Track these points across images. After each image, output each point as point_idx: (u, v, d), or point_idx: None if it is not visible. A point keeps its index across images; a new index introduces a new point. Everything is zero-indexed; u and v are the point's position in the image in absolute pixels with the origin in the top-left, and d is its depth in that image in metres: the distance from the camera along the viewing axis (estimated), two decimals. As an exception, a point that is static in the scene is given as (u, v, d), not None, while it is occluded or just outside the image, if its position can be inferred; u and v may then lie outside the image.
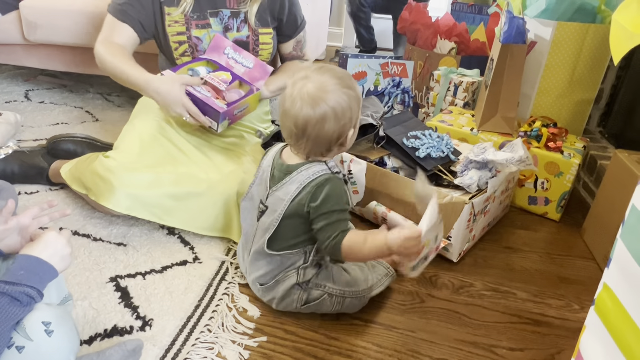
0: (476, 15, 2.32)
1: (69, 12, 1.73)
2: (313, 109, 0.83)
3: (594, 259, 1.24)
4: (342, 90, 0.85)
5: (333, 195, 0.86)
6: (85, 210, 1.23)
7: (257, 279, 0.96)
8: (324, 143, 0.87)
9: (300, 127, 0.85)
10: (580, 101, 1.54)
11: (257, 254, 0.95)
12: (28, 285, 0.63)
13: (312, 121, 0.84)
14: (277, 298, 0.94)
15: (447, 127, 1.53)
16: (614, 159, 1.23)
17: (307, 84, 0.85)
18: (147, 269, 1.05)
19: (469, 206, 1.10)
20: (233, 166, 1.21)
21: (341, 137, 0.88)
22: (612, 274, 0.61)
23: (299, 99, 0.84)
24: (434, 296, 1.06)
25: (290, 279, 0.92)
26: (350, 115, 0.86)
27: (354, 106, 0.87)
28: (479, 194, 1.15)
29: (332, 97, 0.84)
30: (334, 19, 3.65)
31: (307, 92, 0.84)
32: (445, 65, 1.96)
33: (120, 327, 0.89)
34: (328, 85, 0.84)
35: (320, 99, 0.83)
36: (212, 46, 1.26)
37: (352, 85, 0.87)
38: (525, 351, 0.93)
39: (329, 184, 0.87)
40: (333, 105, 0.84)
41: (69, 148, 1.37)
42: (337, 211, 0.86)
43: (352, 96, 0.86)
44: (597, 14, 1.46)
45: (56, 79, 2.25)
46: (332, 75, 0.86)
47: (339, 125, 0.86)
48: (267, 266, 0.93)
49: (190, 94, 1.13)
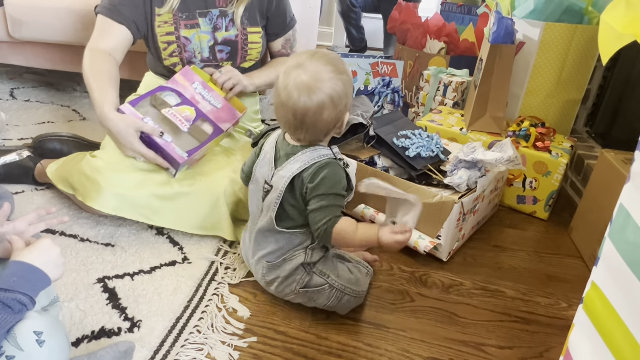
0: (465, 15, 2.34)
1: (55, 10, 1.71)
2: (310, 99, 0.84)
3: (581, 257, 1.26)
4: (338, 76, 0.85)
5: (331, 178, 0.87)
6: (72, 210, 1.22)
7: (264, 256, 0.95)
8: (322, 130, 0.89)
9: (299, 117, 0.85)
10: (567, 101, 1.55)
11: (264, 231, 0.94)
12: (20, 292, 0.61)
13: (310, 111, 0.84)
14: (281, 277, 0.94)
15: (436, 126, 1.54)
16: (601, 158, 1.24)
17: (301, 74, 0.84)
18: (135, 269, 1.04)
19: (458, 205, 1.10)
20: (222, 165, 1.20)
21: (338, 122, 0.89)
22: (600, 273, 0.62)
23: (295, 89, 0.84)
24: (424, 295, 1.06)
25: (297, 258, 0.92)
26: (346, 101, 0.88)
27: (349, 91, 0.88)
28: (468, 193, 1.16)
29: (328, 85, 0.84)
30: (324, 18, 3.65)
31: (303, 81, 0.84)
32: (435, 65, 1.97)
33: (107, 328, 0.88)
34: (323, 73, 0.84)
35: (316, 88, 0.83)
36: (182, 73, 1.20)
37: (345, 70, 0.88)
38: (515, 349, 0.94)
39: (329, 167, 0.88)
40: (330, 93, 0.84)
41: (55, 147, 1.35)
42: (333, 195, 0.87)
43: (346, 81, 0.87)
44: (584, 15, 1.48)
45: (42, 77, 2.22)
46: (325, 61, 0.86)
47: (336, 112, 0.87)
48: (275, 244, 0.94)
49: (148, 137, 1.08)
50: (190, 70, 1.21)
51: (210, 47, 1.27)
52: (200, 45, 1.26)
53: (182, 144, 1.12)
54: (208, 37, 1.26)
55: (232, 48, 1.29)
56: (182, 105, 1.16)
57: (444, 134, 1.51)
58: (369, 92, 1.93)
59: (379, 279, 1.10)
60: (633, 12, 0.55)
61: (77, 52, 1.82)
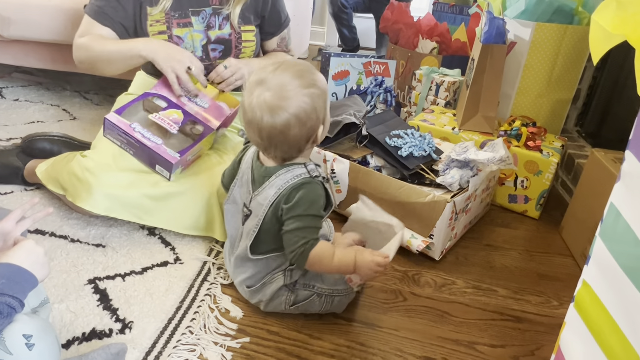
0: (457, 15, 2.35)
1: (45, 8, 1.69)
2: (274, 119, 0.79)
3: (572, 256, 1.27)
4: (303, 92, 0.79)
5: (307, 199, 0.84)
6: (62, 210, 1.20)
7: (244, 281, 0.94)
8: (293, 147, 0.84)
9: (265, 137, 0.81)
10: (558, 101, 1.57)
11: (241, 258, 0.94)
12: (9, 295, 0.60)
13: (276, 130, 0.80)
14: (264, 300, 0.93)
15: (429, 126, 1.54)
16: (591, 157, 1.26)
17: (264, 92, 0.79)
18: (126, 270, 1.03)
19: (450, 205, 1.11)
20: (214, 165, 1.19)
21: (310, 137, 0.84)
22: (591, 272, 0.62)
23: (257, 108, 0.79)
24: (416, 294, 1.07)
25: (277, 281, 0.91)
26: (316, 116, 0.82)
27: (319, 105, 0.82)
28: (461, 192, 1.16)
29: (292, 103, 0.79)
30: (317, 17, 3.64)
31: (265, 100, 0.79)
32: (427, 64, 1.97)
33: (99, 330, 0.87)
34: (287, 89, 0.79)
35: (279, 108, 0.78)
36: (162, 82, 1.18)
37: (314, 82, 0.82)
38: (506, 348, 0.95)
39: (305, 188, 0.84)
40: (295, 112, 0.79)
41: (45, 147, 1.34)
42: (310, 216, 0.84)
43: (315, 95, 0.81)
44: (574, 15, 1.49)
45: (31, 76, 2.19)
46: (291, 75, 0.80)
47: (306, 129, 0.82)
48: (253, 268, 0.93)
49: (138, 142, 1.06)
50: None
51: (203, 45, 1.26)
52: (193, 45, 1.25)
53: (173, 146, 1.11)
54: (201, 35, 1.25)
55: (226, 47, 1.28)
56: (169, 109, 1.15)
57: (436, 133, 1.52)
58: (361, 92, 1.93)
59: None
60: (623, 13, 0.55)
61: (66, 51, 1.80)
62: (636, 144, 0.56)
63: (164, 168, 1.09)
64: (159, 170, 1.10)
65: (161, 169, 1.09)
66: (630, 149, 0.57)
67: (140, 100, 1.16)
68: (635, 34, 0.54)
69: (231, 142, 1.32)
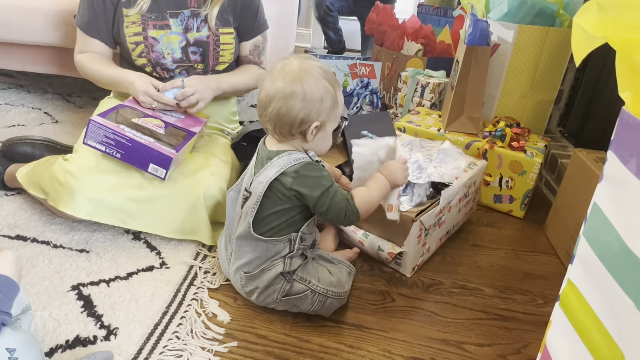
0: (441, 17, 2.37)
1: (24, 9, 1.65)
2: (285, 83, 0.85)
3: (556, 254, 1.29)
4: (322, 79, 0.86)
5: (319, 175, 0.89)
6: (44, 215, 1.18)
7: (241, 267, 0.94)
8: (285, 122, 0.87)
9: (270, 97, 0.86)
10: (541, 102, 1.59)
11: (242, 239, 0.93)
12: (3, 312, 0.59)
13: (279, 94, 0.85)
14: (260, 287, 0.92)
15: (415, 127, 1.55)
16: (574, 157, 1.28)
17: (292, 62, 0.87)
18: (111, 275, 1.01)
19: (417, 223, 1.06)
20: (200, 167, 1.18)
21: (304, 123, 0.87)
22: (576, 271, 0.63)
23: (278, 73, 0.86)
24: (404, 295, 1.07)
25: (276, 268, 0.91)
26: (319, 107, 0.86)
27: (326, 102, 0.87)
28: (429, 209, 1.09)
29: (309, 80, 0.85)
30: (302, 19, 3.64)
31: (290, 68, 0.86)
32: (413, 66, 1.99)
33: (83, 337, 0.86)
34: (312, 69, 0.86)
35: (297, 78, 0.85)
36: (133, 100, 1.18)
37: (333, 83, 0.89)
38: (494, 346, 0.95)
39: (310, 168, 0.89)
40: (306, 88, 0.85)
41: (27, 151, 1.31)
42: (330, 186, 0.89)
43: (328, 90, 0.87)
44: (555, 17, 1.51)
45: (12, 78, 2.15)
46: (320, 65, 0.88)
47: (305, 110, 0.86)
48: (252, 253, 0.92)
49: (131, 141, 1.05)
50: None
51: (182, 47, 1.25)
52: (170, 47, 1.24)
53: (165, 145, 1.10)
54: (179, 38, 1.24)
55: (204, 49, 1.27)
56: (148, 117, 1.14)
57: (422, 134, 1.53)
58: (347, 94, 1.93)
59: (360, 280, 1.10)
60: (604, 15, 0.56)
61: (48, 54, 1.77)
62: (618, 144, 0.57)
63: (159, 166, 1.06)
64: (153, 170, 1.07)
65: (156, 167, 1.07)
66: (612, 150, 0.58)
67: (114, 111, 1.14)
68: (615, 36, 0.55)
69: (217, 145, 1.30)
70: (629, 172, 0.54)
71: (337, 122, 0.94)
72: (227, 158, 1.25)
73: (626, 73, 0.54)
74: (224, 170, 1.19)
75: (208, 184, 1.13)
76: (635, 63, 0.52)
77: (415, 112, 1.71)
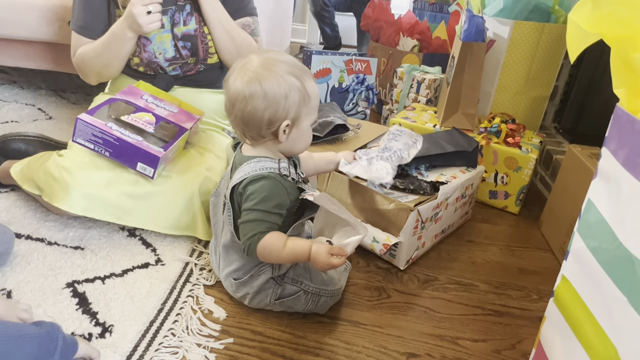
0: (437, 13, 2.37)
1: (16, 4, 1.64)
2: (243, 84, 0.80)
3: (550, 250, 1.29)
4: (286, 74, 0.80)
5: (260, 193, 0.83)
6: (38, 212, 1.17)
7: (230, 274, 0.93)
8: (252, 125, 0.83)
9: (232, 100, 0.83)
10: (536, 98, 1.59)
11: (227, 247, 0.93)
12: None
13: (240, 97, 0.81)
14: (251, 293, 0.92)
15: (410, 123, 1.55)
16: (568, 153, 1.28)
17: (252, 60, 0.82)
18: (106, 272, 1.01)
19: (415, 213, 1.06)
20: (196, 163, 1.18)
21: (272, 123, 0.82)
22: (570, 267, 0.64)
23: (237, 73, 0.82)
24: (400, 291, 1.07)
25: (265, 274, 0.91)
26: (285, 104, 0.81)
27: (293, 98, 0.81)
28: (427, 200, 1.11)
29: (269, 77, 0.80)
30: (298, 15, 3.63)
31: (248, 67, 0.81)
32: (408, 62, 1.99)
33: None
34: (274, 65, 0.80)
35: (255, 77, 0.80)
36: (126, 91, 1.17)
37: (300, 76, 0.82)
38: (488, 342, 0.96)
39: (262, 182, 0.83)
40: (266, 87, 0.79)
41: (20, 147, 1.30)
42: (259, 211, 0.83)
43: (294, 85, 0.80)
44: (551, 13, 1.52)
45: (5, 74, 2.13)
46: (286, 60, 0.82)
47: (270, 109, 0.80)
48: (240, 260, 0.92)
49: (118, 139, 1.04)
50: (135, 87, 1.20)
51: (173, 45, 1.24)
52: (162, 46, 1.23)
53: (153, 143, 1.09)
54: (170, 35, 1.24)
55: (192, 43, 1.26)
56: (139, 112, 1.13)
57: (418, 130, 1.52)
58: (343, 90, 1.93)
59: (356, 276, 1.10)
60: (599, 12, 0.57)
61: (40, 49, 1.76)
62: (612, 141, 0.57)
63: (147, 165, 1.06)
64: (141, 169, 1.07)
65: (144, 166, 1.07)
66: (607, 146, 0.58)
67: (106, 105, 1.13)
68: (610, 33, 0.55)
69: (212, 141, 1.30)
70: (623, 168, 0.54)
71: (314, 116, 0.87)
72: (222, 154, 1.25)
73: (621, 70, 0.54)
74: (219, 166, 1.19)
75: (203, 179, 1.13)
76: (629, 60, 0.52)
77: (411, 108, 1.71)
